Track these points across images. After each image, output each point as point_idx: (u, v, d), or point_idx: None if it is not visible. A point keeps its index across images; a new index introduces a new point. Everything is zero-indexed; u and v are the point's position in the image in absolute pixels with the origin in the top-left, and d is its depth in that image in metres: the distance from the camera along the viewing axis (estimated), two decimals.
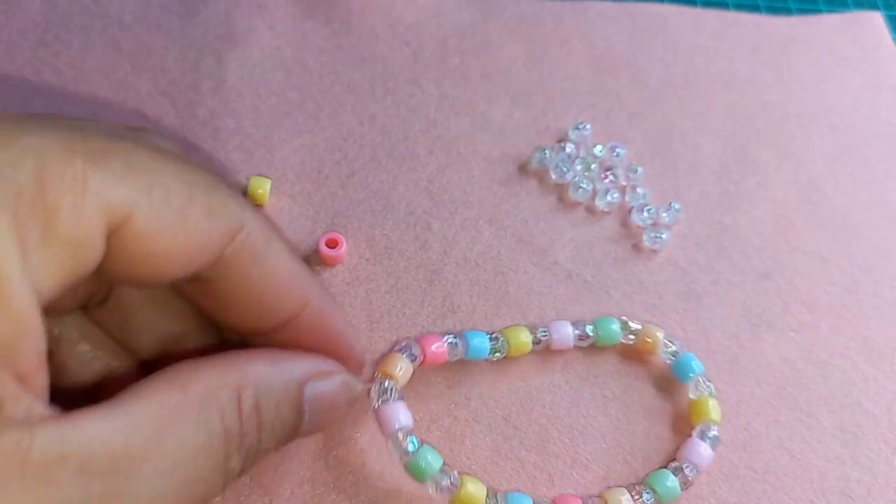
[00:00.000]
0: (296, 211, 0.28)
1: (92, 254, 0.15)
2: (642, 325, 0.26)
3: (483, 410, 0.25)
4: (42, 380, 0.15)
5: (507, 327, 0.25)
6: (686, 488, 0.23)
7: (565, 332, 0.25)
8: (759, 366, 0.26)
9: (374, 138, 0.31)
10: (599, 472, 0.24)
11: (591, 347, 0.26)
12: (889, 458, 0.25)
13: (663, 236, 0.28)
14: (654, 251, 0.29)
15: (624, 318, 0.26)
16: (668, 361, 0.26)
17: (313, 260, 0.27)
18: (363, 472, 0.23)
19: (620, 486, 0.23)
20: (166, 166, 0.16)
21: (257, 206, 0.28)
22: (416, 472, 0.22)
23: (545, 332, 0.25)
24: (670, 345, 0.25)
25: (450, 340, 0.24)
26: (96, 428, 0.15)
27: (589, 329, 0.25)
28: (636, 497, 0.23)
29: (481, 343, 0.24)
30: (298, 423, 0.19)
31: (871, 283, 0.29)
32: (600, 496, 0.23)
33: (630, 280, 0.28)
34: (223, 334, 0.21)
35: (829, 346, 0.27)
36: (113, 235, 0.15)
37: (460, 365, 0.25)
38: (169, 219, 0.16)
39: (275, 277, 0.18)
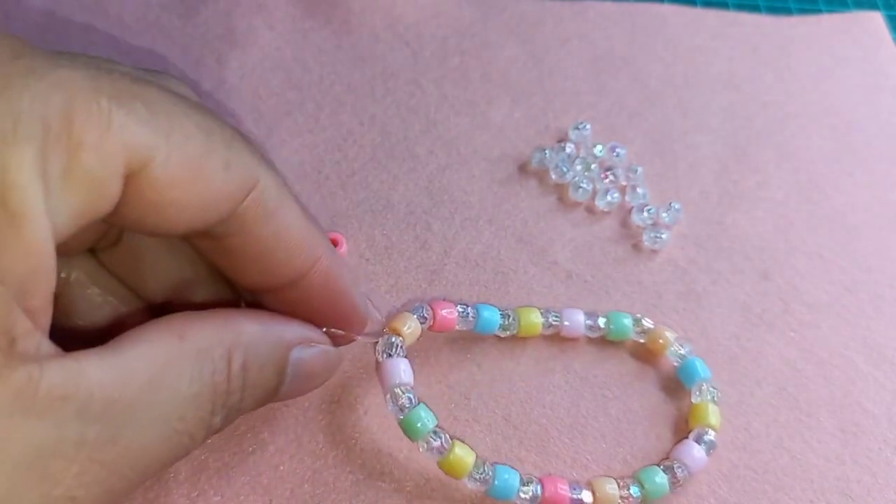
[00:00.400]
0: None
1: (110, 194, 0.15)
2: (655, 325, 0.26)
3: (483, 410, 0.25)
4: (48, 318, 0.15)
5: (520, 306, 0.25)
6: (675, 487, 0.23)
7: (577, 320, 0.25)
8: (759, 366, 0.26)
9: (374, 138, 0.31)
10: (599, 471, 0.24)
11: (595, 340, 0.26)
12: (889, 458, 0.25)
13: (663, 236, 0.28)
14: (654, 251, 0.29)
15: (638, 315, 0.26)
16: (675, 364, 0.26)
17: None
18: (363, 472, 0.23)
19: (609, 476, 0.23)
20: (188, 114, 0.16)
21: None
22: (409, 429, 0.22)
23: (557, 317, 0.25)
24: (680, 348, 0.25)
25: (461, 309, 0.24)
26: (96, 371, 0.15)
27: (601, 321, 0.26)
28: (623, 488, 0.23)
29: (492, 316, 0.24)
30: (279, 387, 0.20)
31: (871, 283, 0.29)
32: (588, 483, 0.23)
33: (630, 280, 0.28)
34: (232, 285, 0.22)
35: (828, 346, 0.27)
36: (131, 179, 0.15)
37: (459, 362, 0.25)
38: (186, 168, 0.16)
39: (286, 235, 0.18)
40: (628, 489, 0.23)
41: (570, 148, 0.31)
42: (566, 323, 0.25)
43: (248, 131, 0.30)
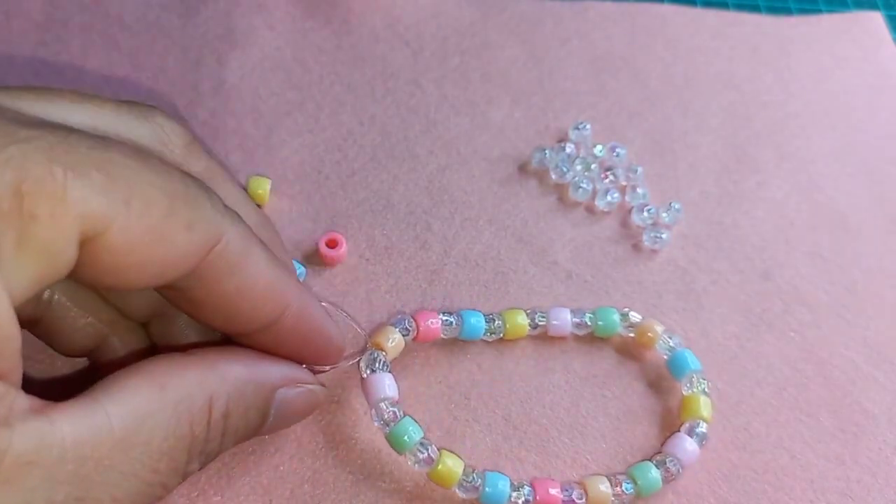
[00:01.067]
0: (296, 211, 0.28)
1: (65, 261, 0.15)
2: (642, 318, 0.26)
3: (483, 410, 0.25)
4: (18, 374, 0.15)
5: (505, 309, 0.25)
6: (668, 482, 0.23)
7: (563, 319, 0.25)
8: (759, 366, 0.26)
9: (374, 138, 0.31)
10: (600, 472, 0.24)
11: (588, 337, 0.26)
12: (889, 459, 0.25)
13: (663, 236, 0.28)
14: (654, 251, 0.29)
15: (626, 309, 0.26)
16: (664, 356, 0.26)
17: (313, 260, 0.27)
18: (363, 472, 0.23)
19: (601, 475, 0.23)
20: (151, 176, 0.16)
21: (258, 205, 0.28)
22: (396, 443, 0.22)
23: (543, 317, 0.25)
24: (669, 340, 0.25)
25: (444, 318, 0.24)
26: (70, 428, 0.15)
27: (588, 318, 0.26)
28: (616, 486, 0.23)
29: (477, 322, 0.25)
30: (262, 426, 0.20)
31: (871, 283, 0.29)
32: (579, 482, 0.23)
33: (630, 280, 0.28)
34: None
35: (829, 346, 0.27)
36: (87, 245, 0.15)
37: (458, 362, 0.25)
38: (146, 232, 0.16)
39: (251, 287, 0.18)
40: (621, 486, 0.23)
41: (570, 148, 0.31)
42: (553, 322, 0.25)
43: (248, 132, 0.30)
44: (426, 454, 0.22)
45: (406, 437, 0.22)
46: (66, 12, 0.33)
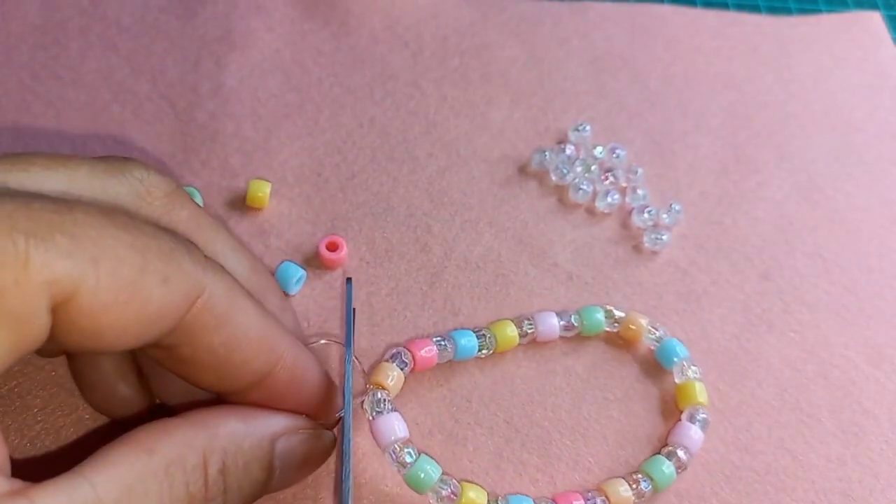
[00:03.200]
0: (296, 214, 0.28)
1: (37, 329, 0.15)
2: (626, 313, 0.26)
3: (485, 413, 0.24)
4: (3, 454, 0.15)
5: (492, 322, 0.25)
6: (681, 472, 0.23)
7: (551, 324, 0.25)
8: (760, 366, 0.26)
9: (374, 140, 0.31)
10: (602, 473, 0.24)
11: (583, 338, 0.26)
12: (890, 459, 0.25)
13: (664, 237, 0.28)
14: (654, 252, 0.29)
15: (609, 306, 0.26)
16: (652, 348, 0.26)
17: (314, 263, 0.27)
18: (365, 476, 0.23)
19: (618, 477, 0.23)
20: (119, 234, 0.16)
21: (257, 209, 0.28)
22: (415, 483, 0.21)
23: (531, 324, 0.25)
24: (654, 331, 0.26)
25: (438, 342, 0.24)
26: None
27: (574, 319, 0.26)
28: (634, 486, 0.23)
29: (469, 342, 0.25)
30: (268, 480, 0.19)
31: (871, 283, 0.29)
32: (598, 489, 0.23)
33: (630, 281, 0.28)
34: None
35: (829, 347, 0.27)
36: (59, 309, 0.15)
37: (459, 366, 0.25)
38: (119, 291, 0.15)
39: (240, 341, 0.18)
40: (639, 485, 0.23)
41: (569, 149, 0.31)
42: (540, 328, 0.25)
43: (248, 134, 0.30)
44: (448, 491, 0.21)
45: (424, 476, 0.21)
46: (64, 14, 0.33)
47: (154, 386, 0.22)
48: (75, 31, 0.33)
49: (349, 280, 0.25)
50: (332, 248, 0.27)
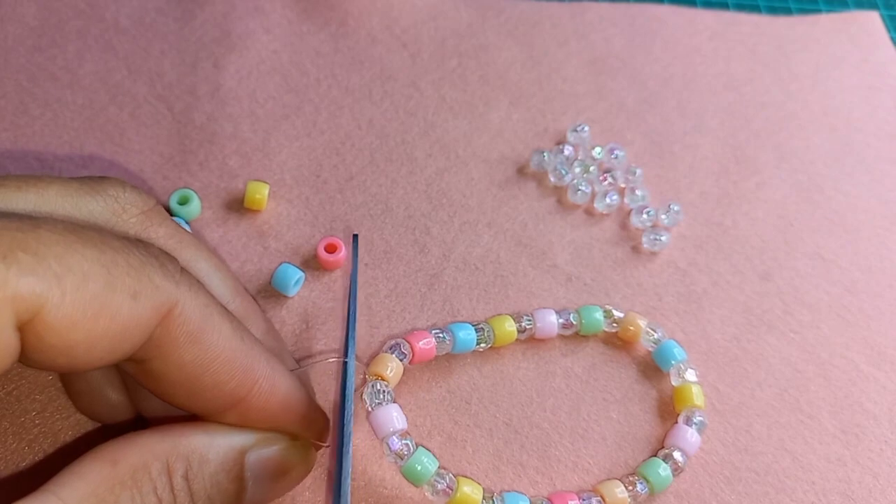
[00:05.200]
0: (294, 215, 0.28)
1: (7, 347, 0.15)
2: (625, 313, 0.26)
3: (484, 415, 0.24)
4: None
5: (491, 317, 0.25)
6: (678, 475, 0.23)
7: (549, 321, 0.25)
8: (760, 367, 0.26)
9: (372, 142, 0.31)
10: (601, 475, 0.24)
11: (583, 338, 0.26)
12: (891, 459, 0.25)
13: (663, 238, 0.28)
14: (653, 253, 0.29)
15: (608, 306, 0.26)
16: (650, 350, 0.26)
17: (312, 265, 0.27)
18: (364, 477, 0.23)
19: (614, 479, 0.23)
20: (85, 249, 0.15)
21: (255, 211, 0.28)
22: (412, 475, 0.22)
23: (530, 320, 0.25)
24: (652, 332, 0.26)
25: (437, 334, 0.24)
26: None
27: (573, 317, 0.26)
28: (630, 488, 0.23)
29: (468, 336, 0.25)
30: (241, 492, 0.19)
31: (871, 283, 0.29)
32: (594, 490, 0.23)
33: (630, 282, 0.28)
34: None
35: (829, 347, 0.27)
36: (26, 328, 0.15)
37: (458, 364, 0.25)
38: (85, 306, 0.15)
39: (212, 361, 0.18)
40: (635, 487, 0.23)
41: (568, 150, 0.31)
42: (539, 325, 0.25)
43: (246, 135, 0.30)
44: (444, 485, 0.21)
45: (420, 468, 0.21)
46: (61, 16, 0.33)
47: (134, 399, 0.22)
48: (73, 32, 0.33)
49: (355, 236, 0.25)
50: (331, 249, 0.27)
